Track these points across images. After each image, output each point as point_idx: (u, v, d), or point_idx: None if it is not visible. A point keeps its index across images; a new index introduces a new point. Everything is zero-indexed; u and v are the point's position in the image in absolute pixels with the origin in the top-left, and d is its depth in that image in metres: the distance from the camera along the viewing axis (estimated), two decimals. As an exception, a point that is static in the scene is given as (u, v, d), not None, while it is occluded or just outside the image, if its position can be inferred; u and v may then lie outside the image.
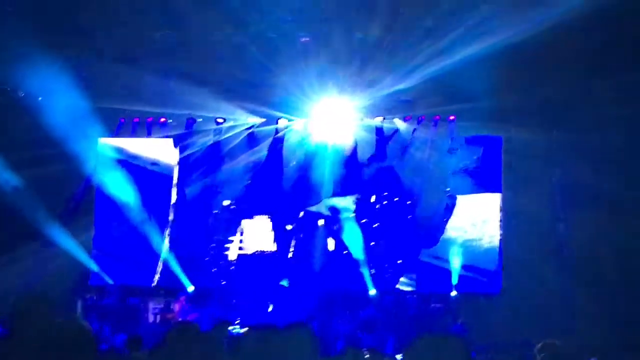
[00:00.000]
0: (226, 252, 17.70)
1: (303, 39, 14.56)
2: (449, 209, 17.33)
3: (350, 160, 17.57)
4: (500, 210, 17.03)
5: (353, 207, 17.47)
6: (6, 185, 15.83)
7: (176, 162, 17.92)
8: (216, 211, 17.87)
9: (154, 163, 18.07)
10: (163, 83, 15.97)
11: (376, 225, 17.33)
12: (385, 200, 17.49)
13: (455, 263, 16.95)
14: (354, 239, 17.14)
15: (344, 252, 17.23)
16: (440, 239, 17.29)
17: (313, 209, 17.62)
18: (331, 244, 17.49)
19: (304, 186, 17.65)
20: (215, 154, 17.93)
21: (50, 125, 15.22)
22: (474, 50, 13.31)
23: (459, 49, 13.47)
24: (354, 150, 17.58)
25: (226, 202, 17.83)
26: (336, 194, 17.59)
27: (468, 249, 17.11)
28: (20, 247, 16.23)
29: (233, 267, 17.48)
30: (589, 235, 15.37)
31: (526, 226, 16.33)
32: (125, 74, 15.70)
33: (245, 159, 17.92)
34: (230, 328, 10.98)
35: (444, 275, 17.03)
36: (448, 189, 17.35)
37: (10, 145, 15.68)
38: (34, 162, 15.87)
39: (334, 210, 17.53)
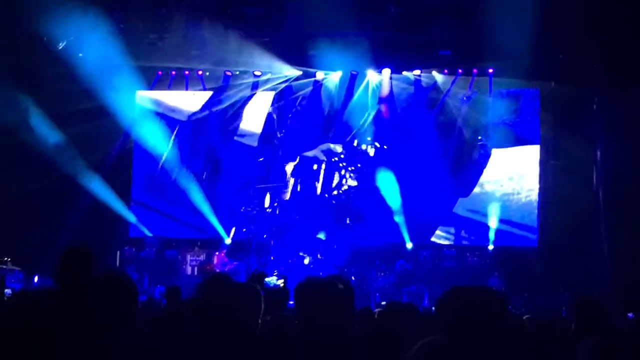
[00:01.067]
0: (263, 204, 17.81)
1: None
2: (483, 158, 17.19)
3: (388, 112, 17.48)
4: (539, 164, 16.87)
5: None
6: (47, 139, 15.98)
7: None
8: (261, 159, 17.97)
9: (191, 115, 18.14)
10: (200, 36, 15.93)
11: (409, 176, 17.20)
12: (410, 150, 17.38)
13: (493, 217, 16.86)
14: (389, 191, 17.07)
15: (380, 205, 17.20)
16: (477, 192, 17.19)
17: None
18: (367, 197, 17.51)
19: (341, 136, 17.67)
20: (253, 106, 18.00)
21: (89, 79, 15.31)
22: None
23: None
24: (392, 102, 17.48)
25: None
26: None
27: (505, 202, 17.00)
28: (62, 200, 16.47)
29: (272, 218, 17.60)
30: (627, 186, 15.16)
31: (564, 179, 16.16)
32: (163, 26, 15.73)
33: (282, 111, 17.95)
34: (267, 280, 11.04)
35: (481, 228, 16.99)
36: (480, 138, 17.20)
37: (50, 100, 15.82)
38: (73, 116, 16.04)
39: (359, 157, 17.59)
